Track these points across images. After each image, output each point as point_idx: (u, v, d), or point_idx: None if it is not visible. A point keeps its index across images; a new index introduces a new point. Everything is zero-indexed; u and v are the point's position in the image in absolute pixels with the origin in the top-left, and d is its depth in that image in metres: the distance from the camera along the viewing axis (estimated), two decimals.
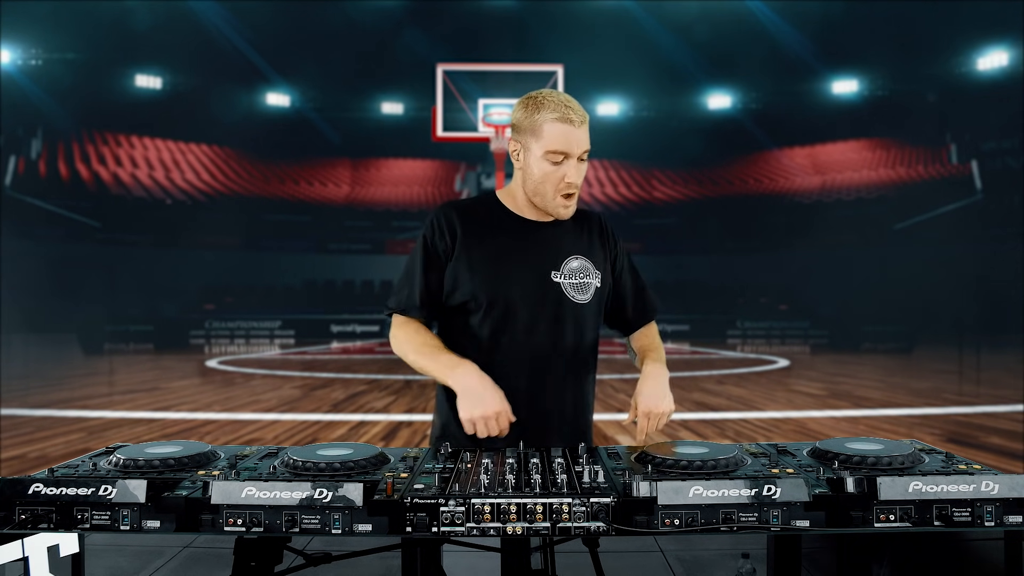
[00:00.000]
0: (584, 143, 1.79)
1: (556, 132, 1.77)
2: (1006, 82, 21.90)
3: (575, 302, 1.88)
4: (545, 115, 1.78)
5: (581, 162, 1.81)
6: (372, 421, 7.33)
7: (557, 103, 1.78)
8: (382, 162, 30.67)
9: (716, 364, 14.73)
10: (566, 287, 1.87)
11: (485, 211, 1.91)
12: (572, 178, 1.79)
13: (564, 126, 1.76)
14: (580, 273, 1.90)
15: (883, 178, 26.09)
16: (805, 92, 26.60)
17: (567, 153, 1.77)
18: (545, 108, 1.78)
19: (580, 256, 1.91)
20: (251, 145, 27.42)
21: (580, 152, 1.79)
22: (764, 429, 6.84)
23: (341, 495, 1.29)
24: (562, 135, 1.77)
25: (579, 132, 1.78)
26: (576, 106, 1.79)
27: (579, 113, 1.78)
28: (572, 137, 1.77)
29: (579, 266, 1.90)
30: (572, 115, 1.77)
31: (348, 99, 28.18)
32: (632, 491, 1.31)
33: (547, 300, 1.85)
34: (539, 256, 1.87)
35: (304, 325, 22.64)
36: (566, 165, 1.79)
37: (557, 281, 1.87)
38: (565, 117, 1.76)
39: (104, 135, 25.87)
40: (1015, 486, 1.31)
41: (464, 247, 1.85)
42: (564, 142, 1.77)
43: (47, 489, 1.32)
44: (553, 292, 1.86)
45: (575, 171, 1.79)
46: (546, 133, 1.78)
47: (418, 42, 23.42)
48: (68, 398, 9.28)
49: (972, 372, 12.57)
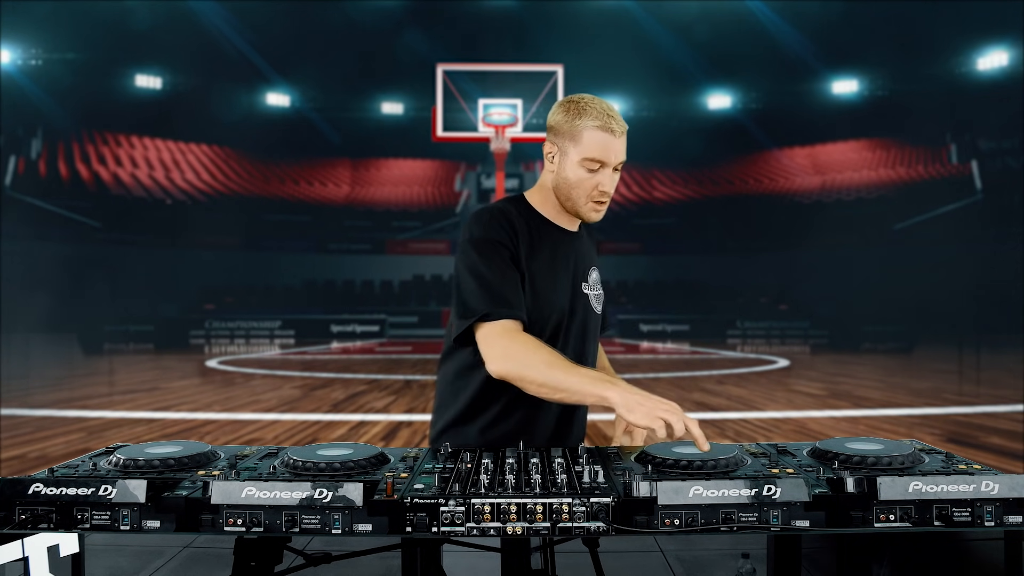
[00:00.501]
0: (622, 154, 1.78)
1: (596, 140, 1.74)
2: (1006, 82, 21.92)
3: (596, 313, 1.90)
4: (587, 121, 1.74)
5: (616, 172, 1.79)
6: (372, 421, 7.33)
7: (600, 111, 1.75)
8: (382, 162, 30.68)
9: (716, 364, 14.73)
10: (591, 298, 1.88)
11: (529, 219, 1.82)
12: (606, 187, 1.77)
13: (605, 135, 1.74)
14: (598, 284, 1.92)
15: (883, 178, 26.10)
16: (805, 92, 26.62)
17: (604, 162, 1.75)
18: (587, 114, 1.75)
19: (595, 267, 1.93)
20: (251, 145, 27.43)
21: (617, 162, 1.77)
22: (764, 429, 6.84)
23: (341, 495, 1.29)
24: (602, 144, 1.74)
25: (618, 142, 1.76)
26: (618, 116, 1.77)
27: (620, 124, 1.76)
28: (611, 147, 1.75)
29: (597, 277, 1.92)
30: (614, 125, 1.74)
31: (348, 99, 28.19)
32: (632, 491, 1.31)
33: (578, 311, 1.85)
34: (574, 267, 1.86)
35: (304, 325, 22.64)
36: (601, 174, 1.76)
37: (586, 292, 1.87)
38: (607, 126, 1.74)
39: (104, 135, 25.88)
40: (1015, 486, 1.31)
41: (525, 259, 1.76)
42: (603, 151, 1.74)
43: (47, 489, 1.32)
44: (582, 303, 1.86)
45: (609, 180, 1.78)
46: (586, 140, 1.75)
47: (418, 42, 23.43)
48: (68, 398, 9.28)
49: (972, 372, 12.57)
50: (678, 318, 22.75)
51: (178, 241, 23.26)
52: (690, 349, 18.81)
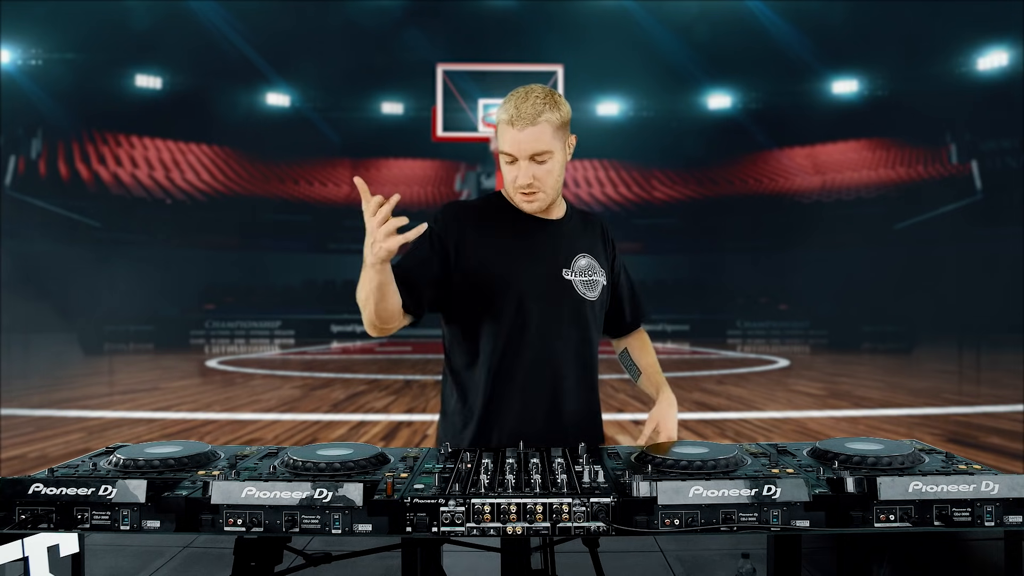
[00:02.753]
0: (531, 146, 1.72)
1: (504, 134, 1.74)
2: (1006, 82, 21.93)
3: (586, 299, 1.87)
4: (500, 114, 1.75)
5: (538, 163, 1.75)
6: (372, 421, 7.34)
7: (509, 104, 1.74)
8: (382, 162, 30.69)
9: (716, 364, 14.73)
10: (577, 284, 1.86)
11: (491, 209, 1.89)
12: (520, 180, 1.76)
13: (507, 128, 1.73)
14: (589, 271, 1.89)
15: (883, 178, 26.11)
16: (805, 92, 26.62)
17: (512, 155, 1.74)
18: (503, 107, 1.75)
19: (587, 254, 1.90)
20: (251, 145, 27.44)
21: (527, 155, 1.73)
22: (764, 429, 6.84)
23: (341, 495, 1.29)
24: (507, 138, 1.73)
25: (522, 135, 1.71)
26: (528, 107, 1.71)
27: (526, 116, 1.71)
28: (515, 140, 1.72)
29: (587, 264, 1.89)
30: (516, 118, 1.71)
31: (348, 99, 28.21)
32: (632, 491, 1.31)
33: (560, 298, 1.83)
34: (549, 253, 1.85)
35: (304, 325, 22.65)
36: (517, 166, 1.76)
37: (568, 279, 1.85)
38: (509, 119, 1.72)
39: (104, 135, 25.89)
40: (1015, 486, 1.31)
41: (472, 246, 1.81)
42: (509, 143, 1.73)
43: (47, 489, 1.32)
44: (565, 290, 1.84)
45: (523, 173, 1.75)
46: (499, 133, 1.76)
47: (418, 42, 23.44)
48: (68, 398, 9.29)
49: (972, 372, 12.58)
50: (678, 318, 22.76)
51: (178, 241, 23.26)
52: (690, 349, 18.81)
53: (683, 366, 14.15)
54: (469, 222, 1.84)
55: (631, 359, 2.08)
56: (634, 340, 2.11)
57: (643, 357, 2.08)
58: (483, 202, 1.92)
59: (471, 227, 1.83)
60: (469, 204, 1.92)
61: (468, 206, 1.90)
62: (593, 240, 1.95)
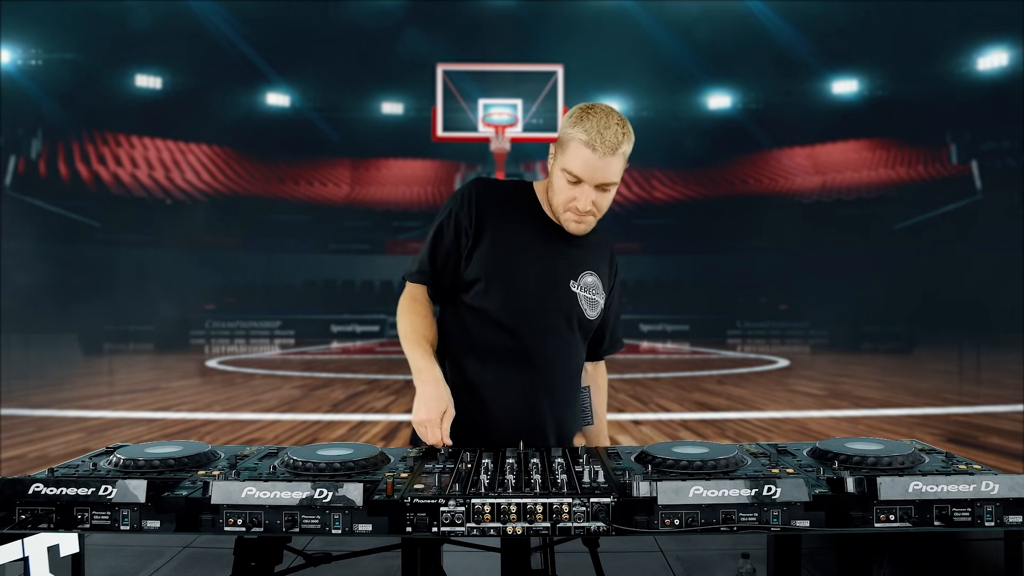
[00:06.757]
0: (606, 176, 1.70)
1: (578, 155, 1.69)
2: (1006, 82, 21.91)
3: (586, 316, 1.87)
4: (577, 133, 1.69)
5: (602, 191, 1.73)
6: (372, 421, 7.33)
7: (593, 126, 1.68)
8: (382, 162, 30.67)
9: (716, 364, 14.73)
10: (581, 299, 1.85)
11: (518, 199, 1.87)
12: (580, 204, 1.72)
13: (587, 152, 1.68)
14: (593, 289, 1.88)
15: (883, 178, 26.10)
16: (805, 92, 26.61)
17: (581, 178, 1.71)
18: (580, 126, 1.69)
19: (594, 272, 1.89)
20: (251, 145, 27.43)
21: (598, 182, 1.71)
22: (764, 429, 6.84)
23: (341, 495, 1.29)
24: (583, 160, 1.68)
25: (601, 162, 1.68)
26: (611, 134, 1.67)
27: (609, 144, 1.67)
28: (591, 164, 1.68)
29: (592, 282, 1.88)
30: (599, 144, 1.66)
31: (348, 99, 28.19)
32: (632, 491, 1.31)
33: (563, 307, 1.83)
34: (562, 262, 1.84)
35: (304, 325, 22.63)
36: (579, 188, 1.72)
37: (575, 291, 1.85)
38: (591, 143, 1.67)
39: (104, 135, 25.88)
40: (1015, 486, 1.31)
41: (490, 228, 1.80)
42: (582, 167, 1.69)
43: (47, 489, 1.32)
44: (569, 301, 1.84)
45: (585, 198, 1.72)
46: (570, 151, 1.71)
47: (418, 42, 23.42)
48: (68, 398, 9.28)
49: (972, 372, 12.58)
50: (678, 318, 22.75)
51: (178, 241, 23.24)
52: (690, 349, 18.81)
53: (683, 366, 14.16)
54: (494, 206, 1.83)
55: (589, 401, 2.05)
56: (599, 379, 2.10)
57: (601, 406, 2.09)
58: (513, 189, 1.90)
59: (495, 212, 1.82)
60: (499, 186, 1.89)
61: (498, 188, 1.88)
62: (601, 261, 1.94)
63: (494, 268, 1.79)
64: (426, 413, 1.66)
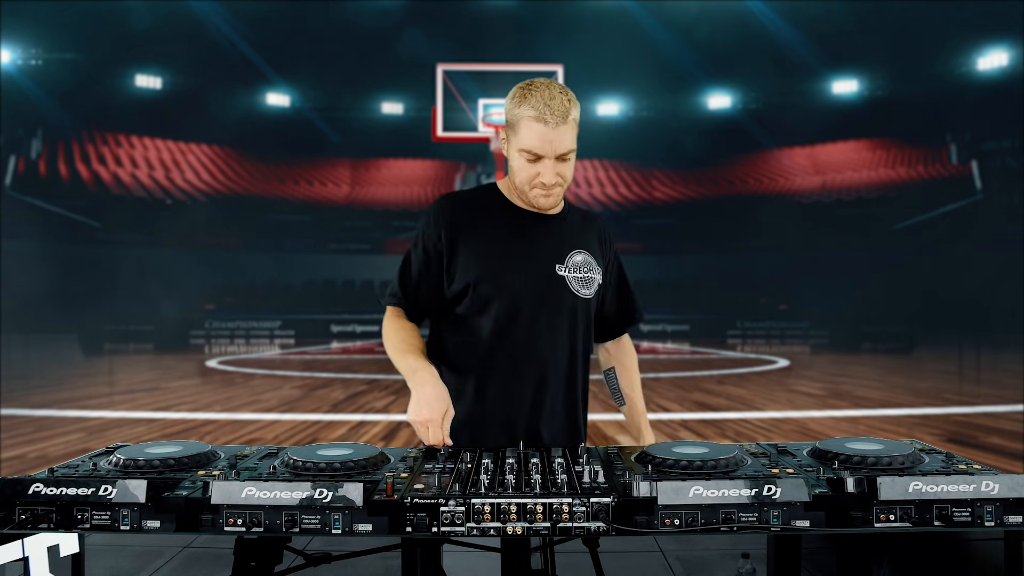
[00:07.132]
0: (562, 145, 1.70)
1: (532, 131, 1.69)
2: (1006, 82, 21.91)
3: (580, 296, 1.85)
4: (525, 110, 1.70)
5: (563, 161, 1.73)
6: (372, 421, 7.33)
7: (538, 100, 1.69)
8: (382, 162, 30.67)
9: (716, 364, 14.73)
10: (571, 281, 1.84)
11: (485, 202, 1.87)
12: (546, 179, 1.72)
13: (539, 126, 1.68)
14: (584, 267, 1.86)
15: (883, 178, 26.10)
16: (805, 92, 26.60)
17: (540, 154, 1.71)
18: (527, 102, 1.70)
19: (583, 250, 1.88)
20: (251, 145, 27.43)
21: (556, 154, 1.71)
22: (764, 429, 6.84)
23: (341, 495, 1.29)
24: (537, 135, 1.69)
25: (555, 133, 1.69)
26: (557, 104, 1.68)
27: (558, 113, 1.68)
28: (546, 138, 1.69)
29: (583, 260, 1.87)
30: (548, 115, 1.67)
31: (348, 99, 28.19)
32: (632, 491, 1.31)
33: (552, 294, 1.82)
34: (543, 249, 1.83)
35: (304, 325, 22.63)
36: (541, 164, 1.72)
37: (562, 275, 1.83)
38: (541, 117, 1.67)
39: (104, 135, 25.87)
40: (1015, 486, 1.31)
41: (463, 239, 1.80)
42: (538, 142, 1.69)
43: (47, 489, 1.32)
44: (558, 286, 1.83)
45: (548, 171, 1.72)
46: (522, 130, 1.71)
47: (418, 42, 23.41)
48: (68, 398, 9.28)
49: (972, 372, 12.58)
50: (678, 318, 22.74)
51: (178, 241, 23.24)
52: (690, 349, 18.81)
53: (683, 366, 14.16)
54: (463, 215, 1.83)
55: (616, 382, 2.04)
56: (623, 357, 2.08)
57: (630, 385, 2.05)
58: (478, 194, 1.90)
59: (465, 221, 1.82)
60: (463, 196, 1.90)
61: (462, 198, 1.89)
62: (590, 237, 1.93)
63: (476, 275, 1.79)
64: (428, 413, 1.65)
